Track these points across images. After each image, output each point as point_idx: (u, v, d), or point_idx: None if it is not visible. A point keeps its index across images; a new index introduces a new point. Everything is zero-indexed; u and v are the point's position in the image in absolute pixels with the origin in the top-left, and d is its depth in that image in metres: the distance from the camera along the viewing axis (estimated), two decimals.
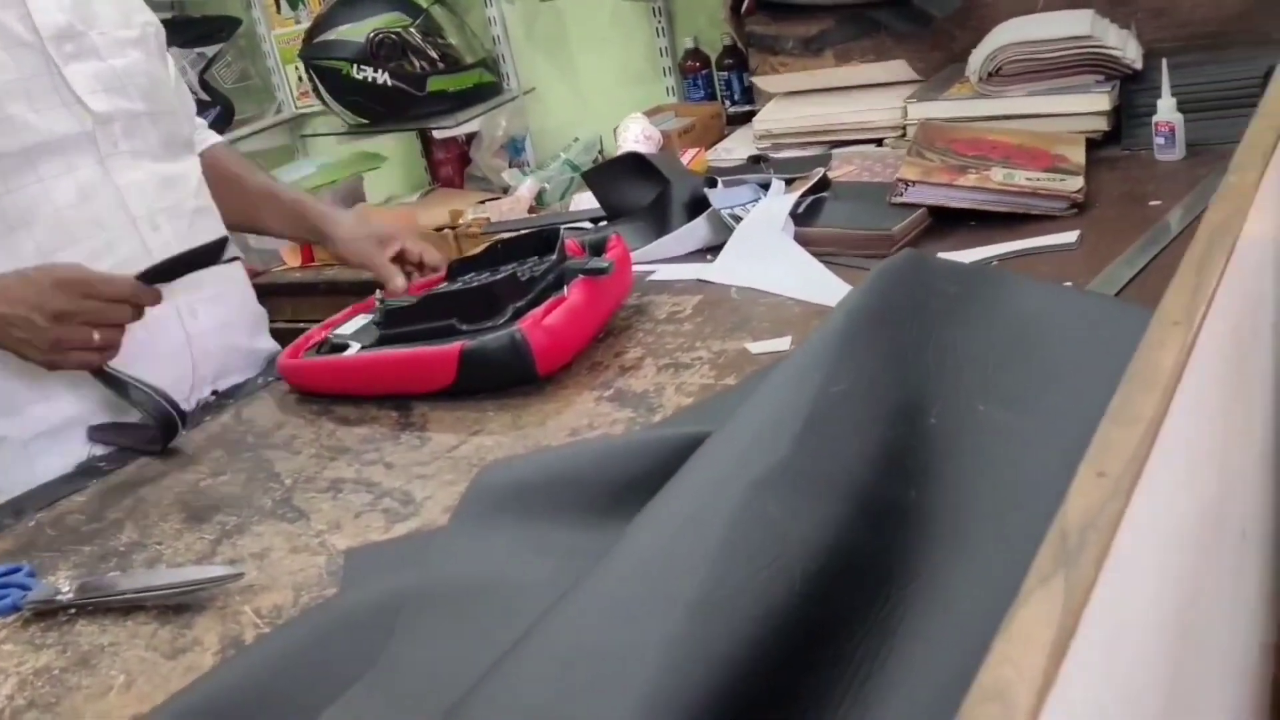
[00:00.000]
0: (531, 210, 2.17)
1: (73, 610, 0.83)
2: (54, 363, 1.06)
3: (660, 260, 1.39)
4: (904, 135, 1.64)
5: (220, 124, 2.47)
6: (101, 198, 1.15)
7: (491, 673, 0.53)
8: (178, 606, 0.81)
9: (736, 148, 1.86)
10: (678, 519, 0.62)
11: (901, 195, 1.31)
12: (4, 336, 1.04)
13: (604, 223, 1.62)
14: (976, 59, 1.57)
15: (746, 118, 1.99)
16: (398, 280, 1.33)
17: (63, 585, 0.84)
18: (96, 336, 1.05)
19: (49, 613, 0.83)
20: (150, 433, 1.09)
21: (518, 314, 1.09)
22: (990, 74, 1.55)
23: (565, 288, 1.11)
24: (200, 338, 1.22)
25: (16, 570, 0.88)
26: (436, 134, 2.43)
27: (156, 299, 1.08)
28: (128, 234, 1.17)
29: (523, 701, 0.51)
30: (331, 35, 2.29)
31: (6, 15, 1.10)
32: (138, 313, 1.08)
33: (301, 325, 1.34)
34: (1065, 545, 0.39)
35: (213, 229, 1.27)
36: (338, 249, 1.41)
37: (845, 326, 0.77)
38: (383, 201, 2.58)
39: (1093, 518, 0.40)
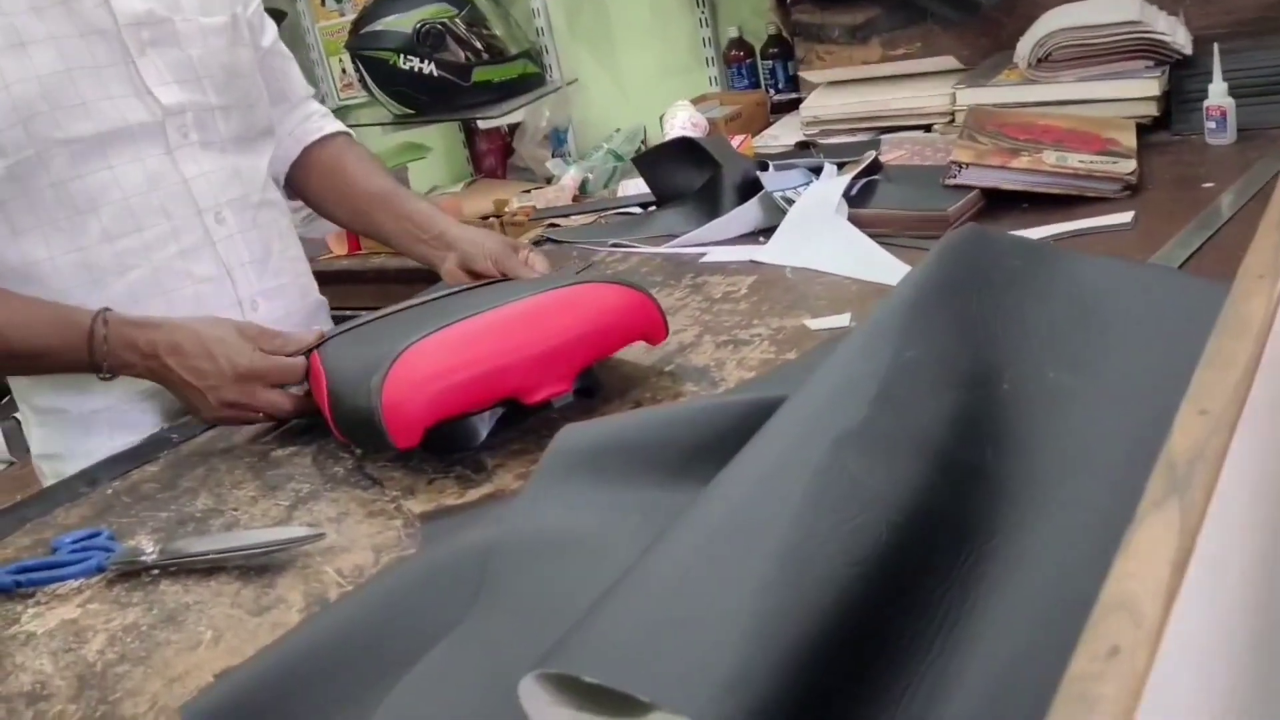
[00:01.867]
0: (575, 199, 2.19)
1: (155, 571, 0.85)
2: (216, 419, 1.07)
3: (711, 243, 1.40)
4: (952, 121, 1.65)
5: None
6: (168, 187, 1.17)
7: (589, 613, 0.55)
8: (259, 567, 0.83)
9: (783, 135, 1.87)
10: (761, 475, 0.63)
11: (955, 177, 1.32)
12: (180, 387, 1.05)
13: (653, 207, 1.64)
14: (1025, 45, 1.58)
15: (791, 106, 2.00)
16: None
17: (145, 547, 0.86)
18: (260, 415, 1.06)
19: (132, 574, 0.85)
20: None
21: None
22: (1040, 60, 1.55)
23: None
24: None
25: (97, 534, 0.91)
26: (480, 124, 2.46)
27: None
28: (192, 224, 1.19)
29: (622, 635, 0.52)
30: (378, 26, 2.32)
31: (85, 1, 1.12)
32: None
33: (348, 312, 1.35)
34: (1174, 475, 0.41)
35: (276, 223, 1.29)
36: (461, 249, 1.25)
37: (914, 297, 0.78)
38: (427, 192, 2.61)
39: (1200, 450, 0.42)
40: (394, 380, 0.89)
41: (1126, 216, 1.22)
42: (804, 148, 1.73)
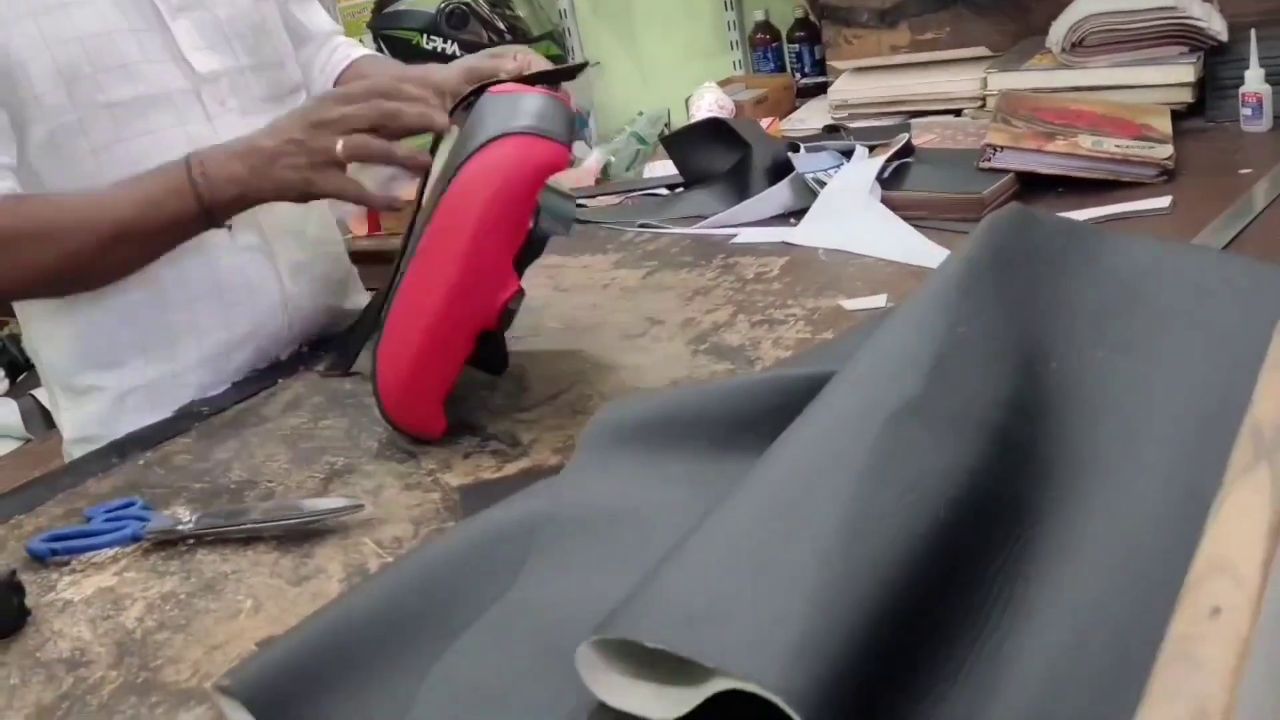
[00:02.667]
0: (597, 182, 2.18)
1: (191, 541, 0.85)
2: (315, 189, 1.00)
3: (742, 224, 1.40)
4: (983, 106, 1.64)
5: None
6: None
7: (646, 579, 0.54)
8: (297, 538, 0.82)
9: (810, 118, 1.86)
10: (817, 447, 0.62)
11: (990, 160, 1.31)
12: (265, 189, 1.00)
13: (680, 189, 1.63)
14: (1059, 30, 1.56)
15: (818, 90, 1.99)
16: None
17: (183, 516, 0.86)
18: (339, 148, 0.98)
19: (168, 543, 0.85)
20: None
21: None
22: (1073, 45, 1.54)
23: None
24: (296, 298, 1.24)
25: (130, 504, 0.90)
26: None
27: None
28: None
29: (683, 602, 0.51)
30: (402, 5, 2.31)
31: None
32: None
33: (369, 291, 1.35)
34: (1262, 440, 0.40)
35: None
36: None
37: (963, 274, 0.77)
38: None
39: None
40: (388, 397, 0.92)
41: (1164, 201, 1.21)
42: (832, 131, 1.71)
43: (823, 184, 1.35)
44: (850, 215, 1.28)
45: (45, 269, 1.04)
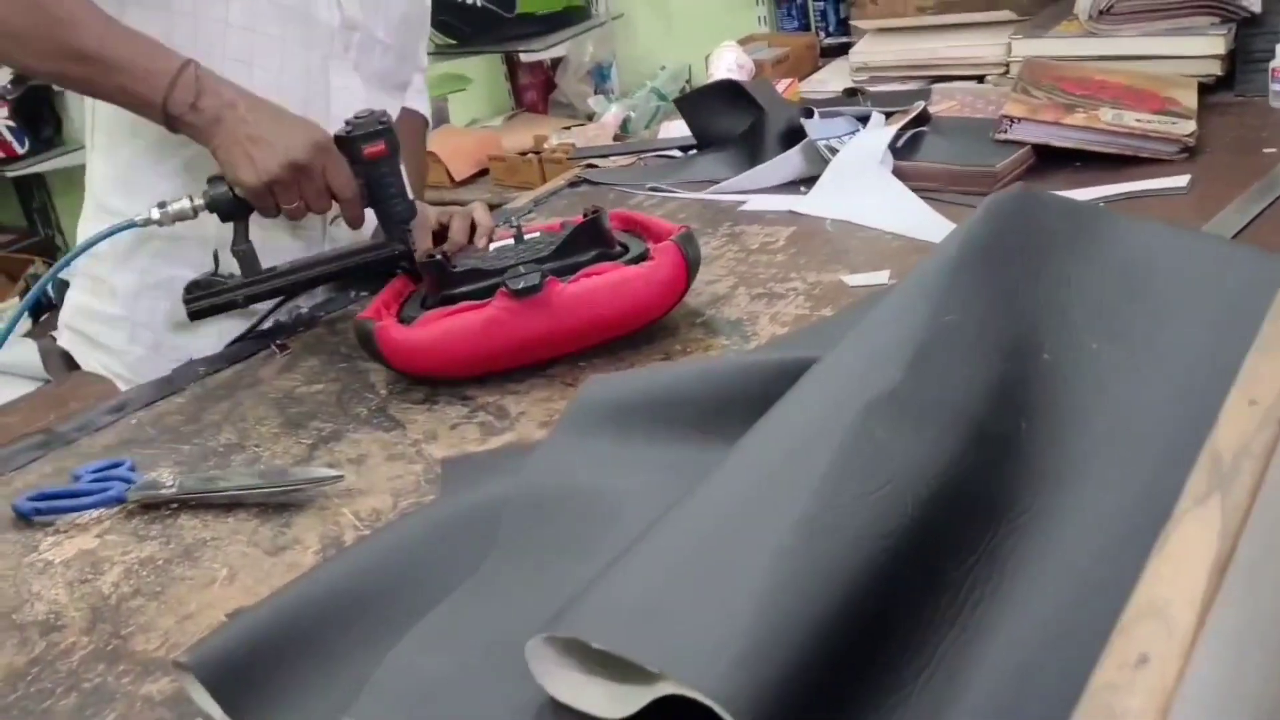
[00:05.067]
0: (616, 138, 2.16)
1: (175, 505, 0.84)
2: (276, 195, 1.04)
3: (751, 190, 1.37)
4: (1007, 72, 1.60)
5: None
6: (314, 84, 1.17)
7: (601, 575, 0.53)
8: (277, 506, 0.82)
9: (831, 80, 1.83)
10: (787, 439, 0.61)
11: (1006, 132, 1.28)
12: (232, 153, 1.02)
13: (693, 151, 1.60)
14: None
15: (842, 50, 1.96)
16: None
17: (165, 479, 0.86)
18: (328, 201, 1.05)
19: (152, 506, 0.85)
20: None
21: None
22: (1101, 12, 1.50)
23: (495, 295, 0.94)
24: None
25: (119, 464, 0.90)
26: (523, 57, 2.43)
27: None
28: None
29: (632, 602, 0.51)
30: None
31: None
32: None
33: None
34: (1219, 469, 0.38)
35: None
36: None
37: (957, 258, 0.75)
38: (467, 124, 2.58)
39: (1246, 444, 0.39)
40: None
41: (1182, 180, 1.18)
42: (852, 94, 1.68)
43: (835, 151, 1.32)
44: (860, 185, 1.26)
45: (19, 31, 1.03)
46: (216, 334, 1.17)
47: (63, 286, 1.29)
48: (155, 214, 1.05)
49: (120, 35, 1.04)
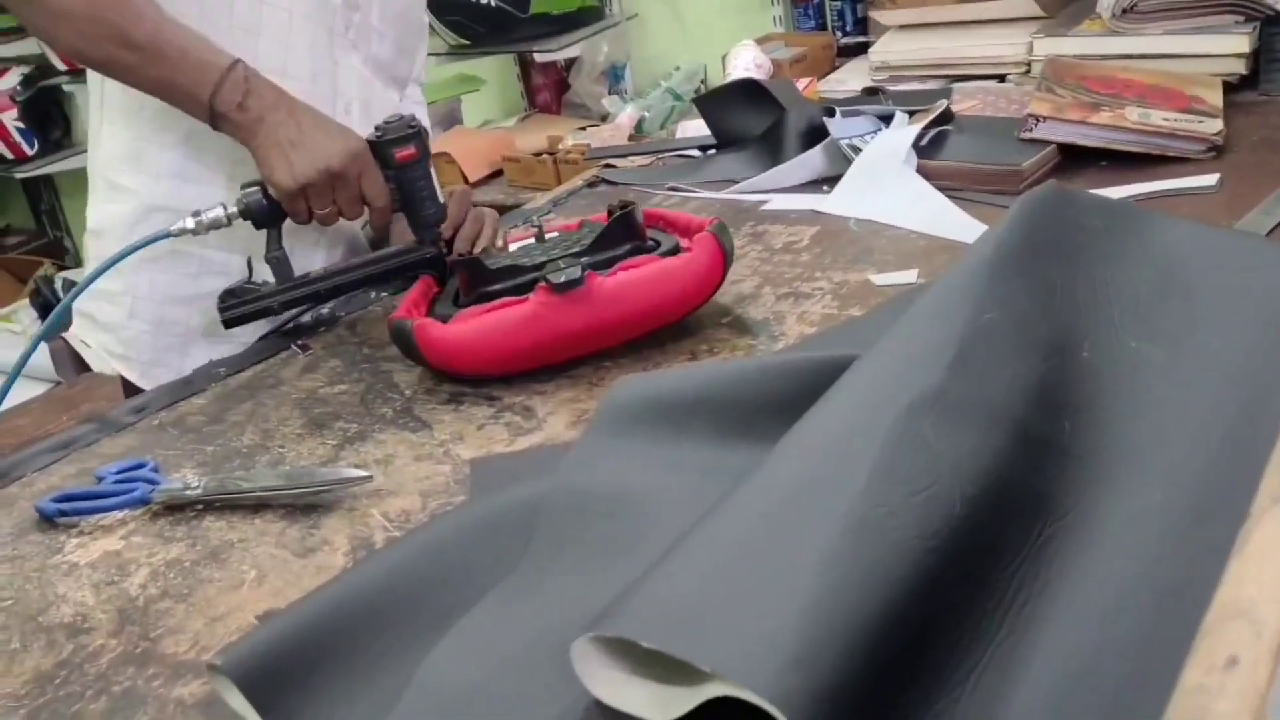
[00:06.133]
0: (631, 138, 2.15)
1: (200, 506, 0.84)
2: (309, 196, 1.06)
3: (773, 190, 1.36)
4: (1029, 71, 1.59)
5: None
6: (320, 59, 1.17)
7: (646, 575, 0.52)
8: (305, 508, 0.81)
9: (849, 79, 1.82)
10: (831, 439, 0.60)
11: (1031, 131, 1.27)
12: (269, 153, 1.04)
13: (712, 150, 1.59)
14: None
15: (859, 50, 1.95)
16: None
17: (191, 480, 0.85)
18: (361, 208, 1.08)
19: (176, 508, 0.84)
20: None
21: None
22: (1124, 10, 1.49)
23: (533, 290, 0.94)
24: None
25: (141, 465, 0.90)
26: (537, 57, 2.42)
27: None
28: (325, 104, 1.16)
29: (681, 602, 0.50)
30: None
31: None
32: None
33: None
34: None
35: None
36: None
37: (993, 257, 0.74)
38: (480, 125, 2.58)
39: None
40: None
41: (1211, 179, 1.17)
42: (871, 94, 1.67)
43: (858, 150, 1.31)
44: (884, 184, 1.25)
45: (78, 14, 1.03)
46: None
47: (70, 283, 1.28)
48: (190, 223, 1.06)
49: (173, 28, 1.05)
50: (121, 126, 1.18)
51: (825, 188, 1.32)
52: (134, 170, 1.18)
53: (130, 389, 1.23)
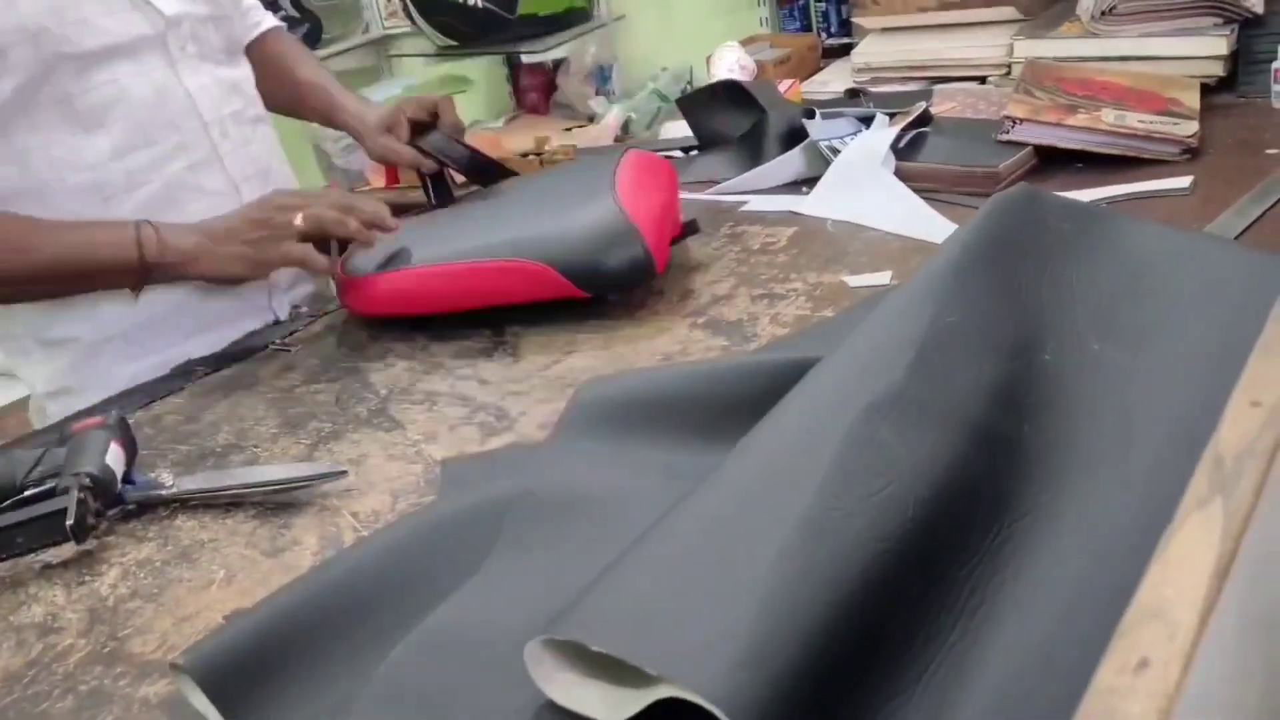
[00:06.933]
0: (618, 139, 2.16)
1: (174, 505, 0.84)
2: (266, 259, 1.11)
3: (753, 191, 1.37)
4: (1009, 73, 1.60)
5: (308, 41, 2.48)
6: (174, 100, 1.16)
7: (601, 577, 0.53)
8: (276, 507, 0.82)
9: (833, 80, 1.82)
10: (788, 440, 0.61)
11: (1008, 133, 1.28)
12: (214, 262, 1.10)
13: (694, 151, 1.60)
14: None
15: (844, 51, 1.95)
16: (422, 161, 1.35)
17: (164, 480, 0.85)
18: (298, 220, 1.09)
19: (150, 506, 0.85)
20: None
21: None
22: (1104, 13, 1.50)
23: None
24: None
25: None
26: (525, 59, 2.42)
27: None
28: (199, 137, 1.18)
29: (632, 604, 0.50)
30: None
31: None
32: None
33: None
34: (1221, 471, 0.38)
35: (269, 139, 1.29)
36: (369, 153, 1.41)
37: (959, 258, 0.75)
38: (468, 126, 2.57)
39: (1249, 444, 0.39)
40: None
41: (1185, 181, 1.17)
42: (854, 95, 1.68)
43: (837, 152, 1.32)
44: (862, 186, 1.25)
45: None
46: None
47: None
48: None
49: (66, 234, 1.09)
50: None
51: (804, 189, 1.33)
52: (66, 318, 1.16)
53: None
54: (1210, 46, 1.44)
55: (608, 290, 1.06)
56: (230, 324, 1.19)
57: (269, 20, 1.45)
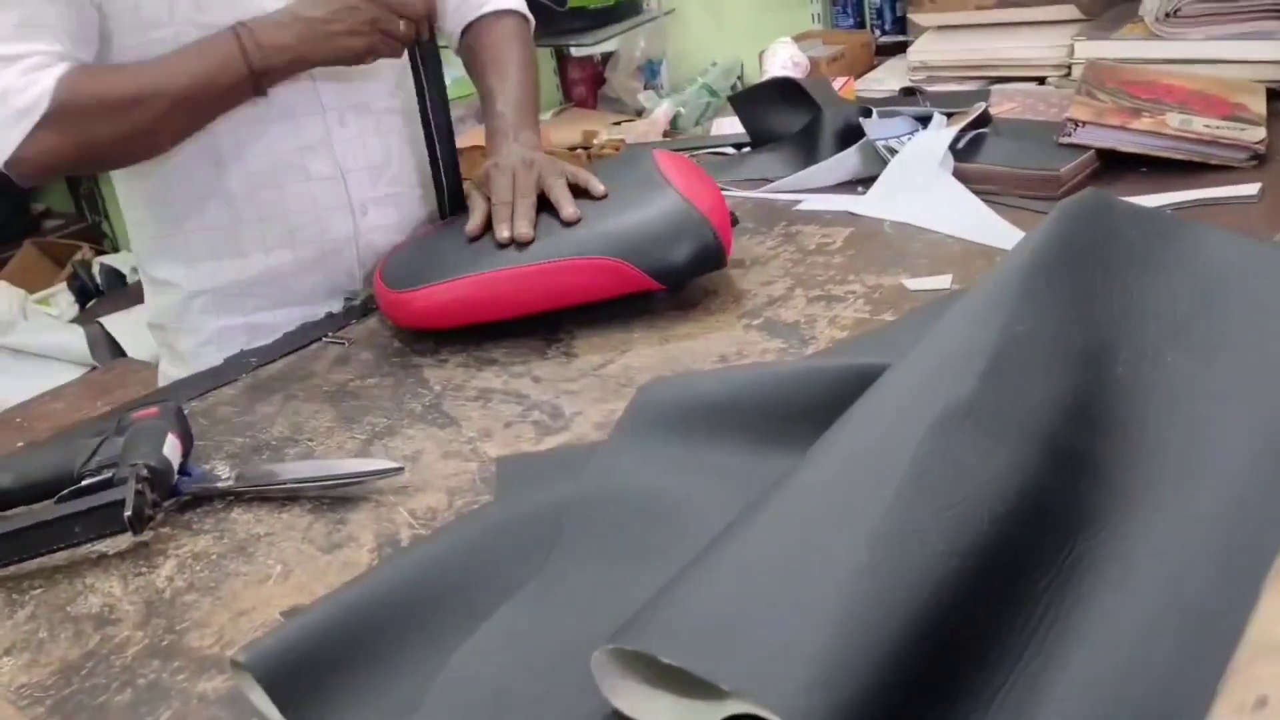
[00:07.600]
0: (666, 134, 2.15)
1: (229, 497, 0.84)
2: (372, 47, 1.14)
3: (807, 190, 1.36)
4: (1069, 75, 1.57)
5: None
6: (298, 82, 1.16)
7: (670, 587, 0.52)
8: (332, 503, 0.81)
9: (887, 79, 1.80)
10: (860, 450, 0.60)
11: (1070, 135, 1.26)
12: (326, 43, 1.12)
13: (747, 148, 1.59)
14: None
15: (898, 49, 1.93)
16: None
17: (220, 472, 0.85)
18: (403, 26, 1.15)
19: (204, 499, 0.85)
20: None
21: None
22: (1168, 14, 1.47)
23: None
24: (368, 234, 1.23)
25: None
26: (573, 52, 2.42)
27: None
28: (314, 122, 1.18)
29: (704, 617, 0.50)
30: None
31: None
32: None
33: None
34: None
35: (399, 131, 1.27)
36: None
37: (1029, 266, 0.73)
38: None
39: None
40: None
41: (1253, 188, 1.15)
42: (909, 94, 1.66)
43: (894, 152, 1.30)
44: (920, 187, 1.23)
45: (115, 138, 1.08)
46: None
47: (116, 278, 1.30)
48: None
49: (174, 67, 1.08)
50: (146, 217, 1.21)
51: (860, 189, 1.31)
52: (169, 261, 1.21)
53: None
54: (1277, 51, 1.41)
55: (683, 280, 1.07)
56: (312, 305, 1.21)
57: (495, 2, 1.35)
